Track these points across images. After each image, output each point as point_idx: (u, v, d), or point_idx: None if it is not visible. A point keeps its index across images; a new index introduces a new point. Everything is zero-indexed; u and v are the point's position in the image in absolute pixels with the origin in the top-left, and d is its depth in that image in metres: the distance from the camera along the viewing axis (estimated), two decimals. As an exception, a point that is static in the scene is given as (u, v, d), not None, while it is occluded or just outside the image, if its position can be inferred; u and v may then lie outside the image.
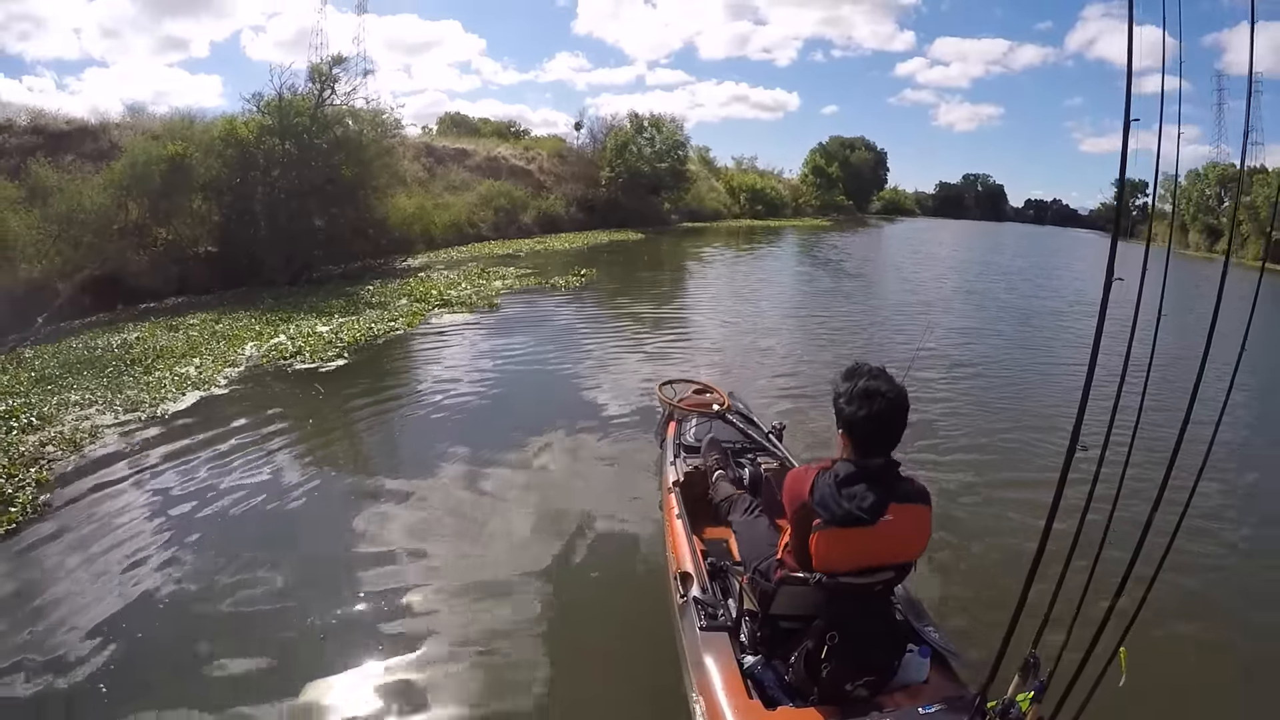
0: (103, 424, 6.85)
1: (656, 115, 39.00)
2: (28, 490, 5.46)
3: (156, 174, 13.83)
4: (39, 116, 16.70)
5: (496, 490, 5.80)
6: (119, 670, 3.70)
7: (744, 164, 58.87)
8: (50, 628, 3.99)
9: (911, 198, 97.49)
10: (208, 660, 3.80)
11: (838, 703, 2.63)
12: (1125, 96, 2.01)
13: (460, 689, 3.65)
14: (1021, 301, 19.24)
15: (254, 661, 3.80)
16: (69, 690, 3.57)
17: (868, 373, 2.61)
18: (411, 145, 27.83)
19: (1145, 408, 2.39)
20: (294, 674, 3.71)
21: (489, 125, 45.38)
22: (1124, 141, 2.04)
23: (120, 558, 4.69)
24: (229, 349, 9.51)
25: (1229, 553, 5.34)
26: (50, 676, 3.64)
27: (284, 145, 16.33)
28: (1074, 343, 13.19)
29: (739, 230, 40.94)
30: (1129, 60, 2.00)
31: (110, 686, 3.59)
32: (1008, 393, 9.32)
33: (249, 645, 3.91)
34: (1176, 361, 5.34)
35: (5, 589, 4.37)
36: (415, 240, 22.04)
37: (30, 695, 3.54)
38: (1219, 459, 6.65)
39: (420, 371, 9.53)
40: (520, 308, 13.71)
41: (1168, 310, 2.39)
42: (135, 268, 13.30)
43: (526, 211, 29.70)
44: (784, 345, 11.51)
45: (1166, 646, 4.07)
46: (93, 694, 3.55)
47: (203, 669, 3.74)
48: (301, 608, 4.24)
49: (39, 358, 9.20)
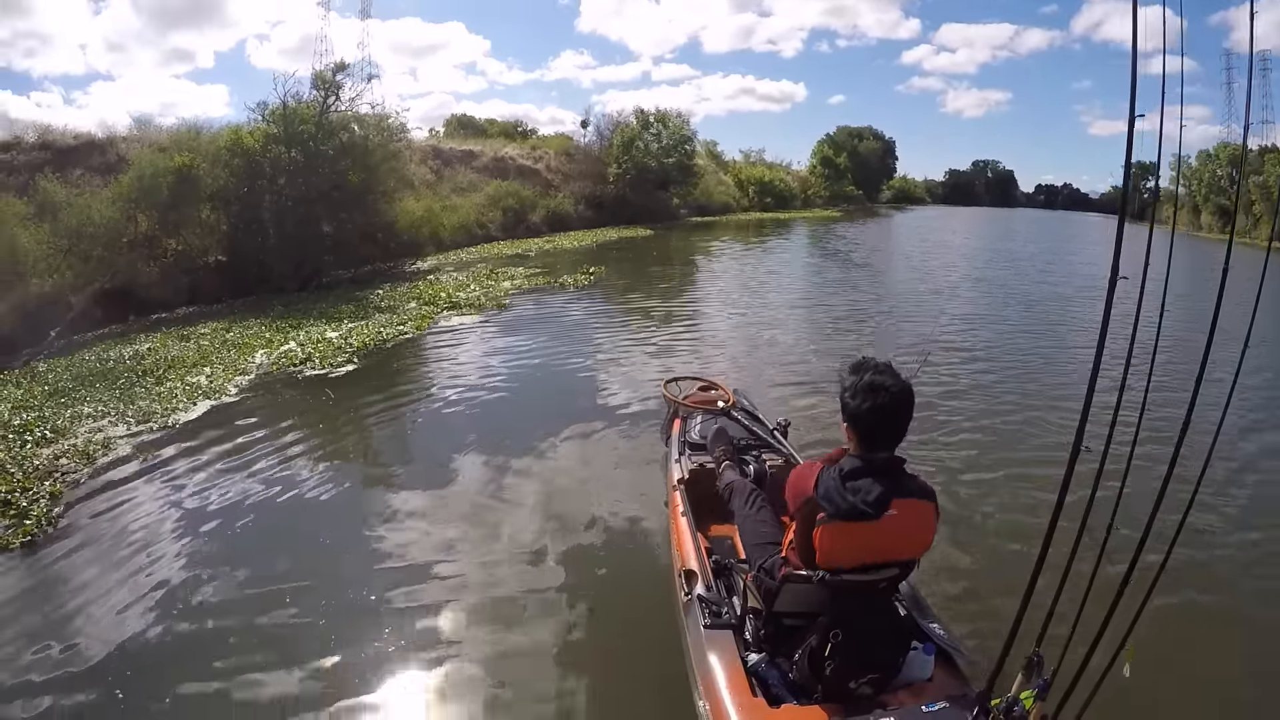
0: (115, 435, 6.90)
1: (663, 110, 39.01)
2: (42, 503, 5.52)
3: (164, 186, 13.94)
4: (46, 132, 16.92)
5: (503, 490, 5.81)
6: (135, 681, 3.73)
7: (752, 157, 58.86)
8: (66, 638, 4.03)
9: (921, 186, 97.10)
10: (224, 672, 3.82)
11: (842, 700, 2.63)
12: (1130, 88, 2.00)
13: (462, 685, 3.68)
14: (1031, 288, 19.10)
15: (269, 667, 3.82)
16: (84, 702, 3.60)
17: (873, 367, 2.61)
18: (418, 148, 27.88)
19: (1150, 404, 2.38)
20: (301, 665, 3.79)
21: (495, 126, 45.45)
22: (1128, 142, 2.04)
23: (134, 569, 4.73)
24: (239, 357, 9.57)
25: (1234, 549, 5.27)
26: (65, 687, 3.67)
27: (290, 153, 16.44)
28: (1082, 328, 13.09)
29: (748, 223, 40.77)
30: (1133, 48, 1.99)
31: (127, 695, 3.63)
32: (1013, 387, 9.22)
33: (265, 653, 3.94)
34: (1186, 351, 5.29)
35: (24, 600, 4.42)
36: (424, 243, 22.10)
37: (47, 706, 3.57)
38: (1225, 454, 6.58)
39: (429, 374, 9.56)
40: (529, 307, 13.73)
41: (1180, 293, 2.38)
42: (146, 279, 13.40)
43: (535, 211, 29.71)
44: (791, 339, 11.50)
45: (1170, 644, 4.02)
46: (109, 705, 3.58)
47: (218, 680, 3.76)
48: (314, 610, 4.27)
49: (52, 371, 9.29)
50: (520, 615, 4.24)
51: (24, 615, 4.27)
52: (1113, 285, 2.11)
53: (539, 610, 4.27)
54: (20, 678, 3.75)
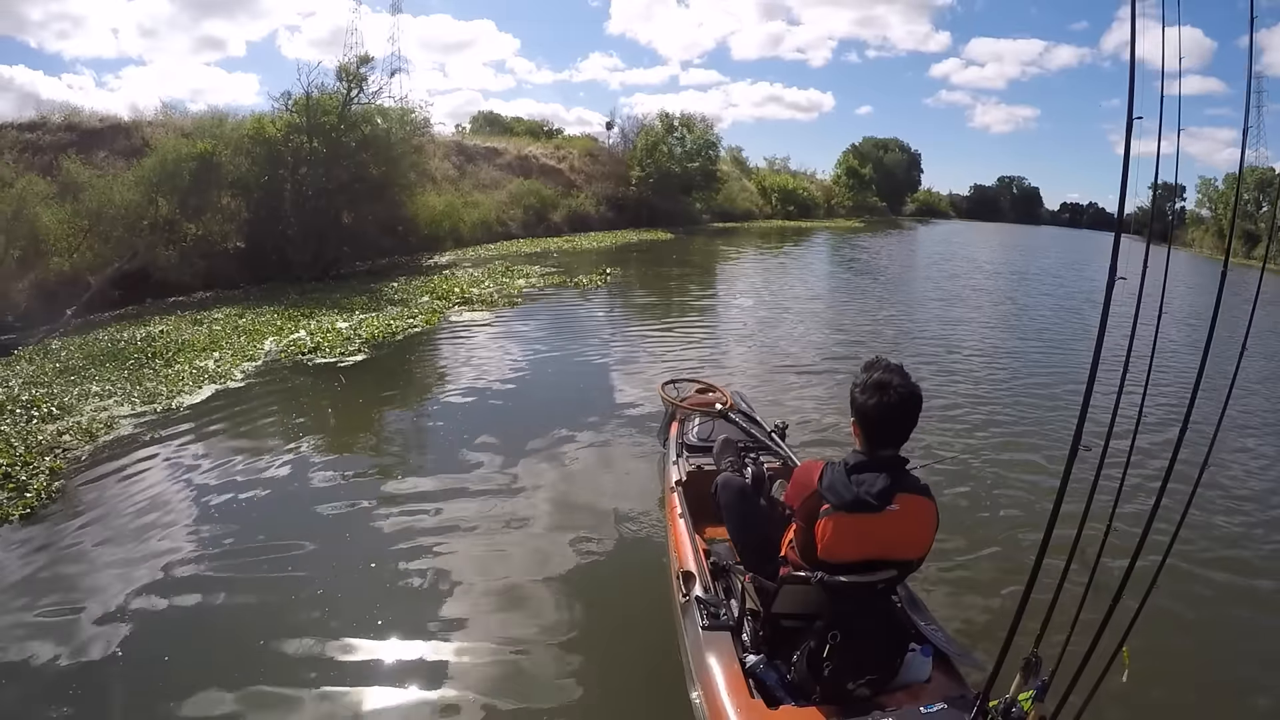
0: (120, 415, 6.97)
1: (687, 115, 39.09)
2: (41, 477, 5.60)
3: (185, 171, 14.06)
4: (73, 114, 17.11)
5: (497, 488, 5.80)
6: (127, 648, 3.81)
7: (776, 164, 58.77)
8: (59, 608, 4.12)
9: (946, 200, 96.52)
10: (211, 647, 3.87)
11: (840, 702, 2.64)
12: (1129, 87, 2.01)
13: (460, 687, 3.65)
14: (1037, 299, 18.91)
15: (258, 646, 3.84)
16: (77, 663, 3.68)
17: (884, 366, 2.68)
18: (442, 144, 28.05)
19: (1149, 405, 2.38)
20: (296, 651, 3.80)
21: (522, 124, 45.67)
22: (1126, 144, 2.05)
23: (126, 543, 4.83)
24: (249, 344, 9.65)
25: (1232, 550, 5.33)
26: (56, 653, 3.73)
27: (311, 143, 16.56)
28: (1081, 336, 13.20)
29: (770, 231, 40.75)
30: (1131, 50, 1.99)
31: (124, 663, 3.70)
32: (1015, 390, 9.29)
33: (248, 632, 3.97)
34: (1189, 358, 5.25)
35: (22, 570, 4.51)
36: (444, 238, 22.25)
37: (38, 667, 3.66)
38: (1221, 457, 6.71)
39: (432, 369, 9.65)
40: (540, 306, 13.78)
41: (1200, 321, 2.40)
42: (164, 262, 13.51)
43: (556, 210, 29.86)
44: (798, 350, 11.38)
45: (1169, 646, 4.07)
46: (100, 672, 3.65)
47: (206, 654, 3.81)
48: (282, 583, 4.34)
49: (65, 349, 9.40)
50: (513, 616, 4.22)
51: (21, 583, 4.36)
52: (1110, 288, 2.13)
53: (533, 610, 4.25)
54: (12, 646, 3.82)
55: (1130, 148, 2.05)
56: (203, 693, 3.51)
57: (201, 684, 3.56)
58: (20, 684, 3.56)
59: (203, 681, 3.57)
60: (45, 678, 3.59)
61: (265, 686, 3.58)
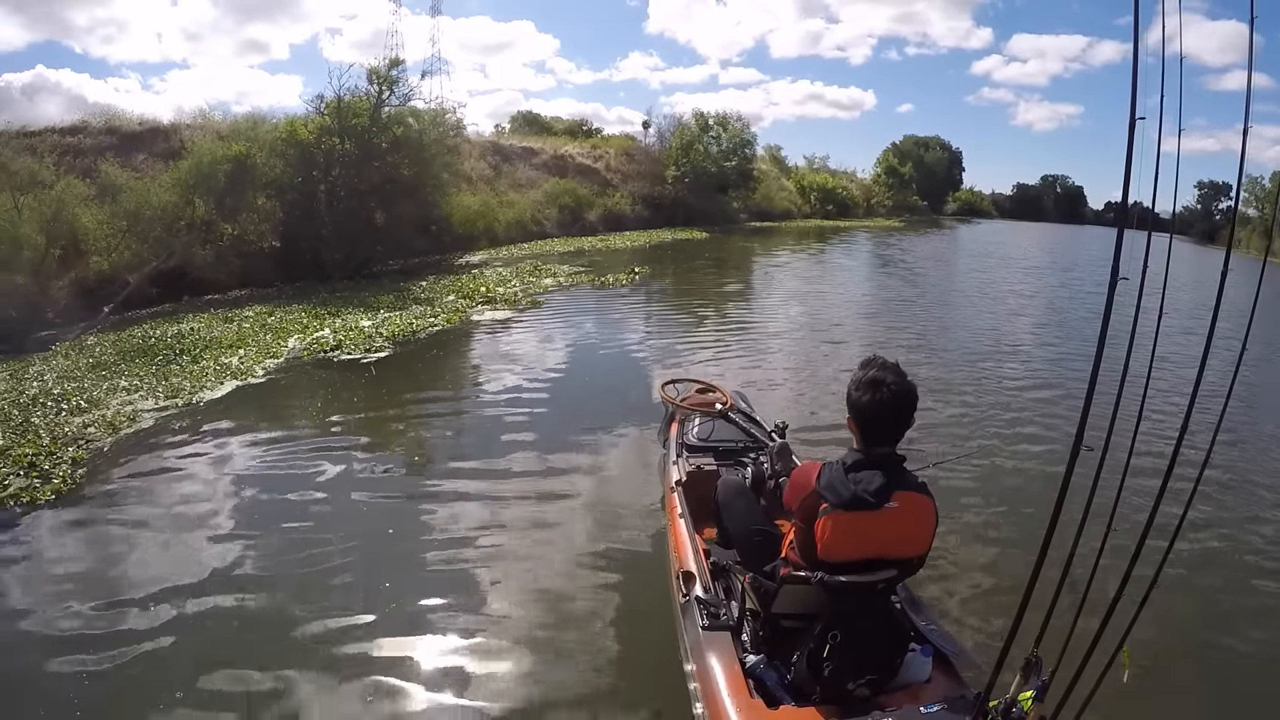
0: (143, 409, 7.21)
1: (723, 114, 39.02)
2: (64, 467, 5.84)
3: (221, 173, 14.42)
4: (114, 118, 17.56)
5: (500, 489, 5.85)
6: (136, 635, 3.94)
7: (815, 163, 58.37)
8: (72, 595, 4.28)
9: (988, 199, 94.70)
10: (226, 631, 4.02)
11: (840, 702, 2.65)
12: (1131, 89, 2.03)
13: (456, 686, 3.67)
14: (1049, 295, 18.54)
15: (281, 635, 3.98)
16: (89, 634, 3.85)
17: (879, 364, 2.71)
18: (477, 144, 28.29)
19: (1149, 406, 2.40)
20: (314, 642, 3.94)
21: (560, 124, 45.81)
22: (1129, 144, 2.09)
23: (141, 531, 5.06)
24: (274, 341, 9.88)
25: (1231, 551, 5.27)
26: (60, 638, 3.89)
27: (344, 145, 16.82)
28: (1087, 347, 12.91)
29: (808, 230, 40.38)
30: (1134, 48, 2.02)
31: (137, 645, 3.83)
32: (1018, 390, 9.23)
33: (270, 621, 4.12)
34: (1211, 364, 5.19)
35: (44, 558, 4.75)
36: (479, 237, 22.41)
37: (42, 640, 3.85)
38: (1222, 458, 6.60)
39: (449, 367, 9.82)
40: (563, 305, 13.87)
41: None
42: (200, 261, 13.90)
43: (591, 209, 29.97)
44: (821, 355, 11.33)
45: (1169, 646, 4.05)
46: (118, 639, 3.85)
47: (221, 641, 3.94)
48: (294, 571, 4.46)
49: (99, 345, 9.73)
50: (513, 614, 4.26)
51: (45, 569, 4.60)
52: (1112, 287, 2.15)
53: (532, 610, 4.28)
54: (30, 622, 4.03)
55: (1132, 148, 2.07)
56: (207, 676, 3.64)
57: (216, 668, 3.70)
58: (40, 657, 3.74)
59: (217, 665, 3.71)
60: (60, 656, 3.75)
61: (271, 671, 3.69)
